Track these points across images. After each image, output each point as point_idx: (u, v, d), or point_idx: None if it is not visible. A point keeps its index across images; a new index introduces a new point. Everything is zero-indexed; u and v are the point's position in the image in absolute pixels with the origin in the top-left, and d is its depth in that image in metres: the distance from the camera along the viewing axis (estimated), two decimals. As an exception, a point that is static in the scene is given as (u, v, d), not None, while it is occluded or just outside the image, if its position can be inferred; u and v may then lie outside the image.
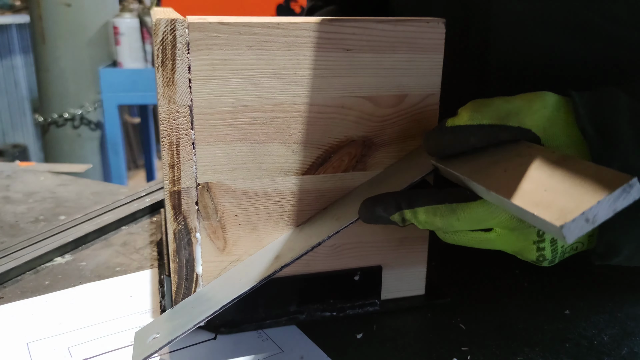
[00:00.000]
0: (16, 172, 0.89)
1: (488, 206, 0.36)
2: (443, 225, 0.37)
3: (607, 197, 0.28)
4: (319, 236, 0.40)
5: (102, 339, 0.44)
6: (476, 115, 0.36)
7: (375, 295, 0.47)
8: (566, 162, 0.32)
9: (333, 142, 0.42)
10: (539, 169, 0.33)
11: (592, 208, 0.28)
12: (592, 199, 0.28)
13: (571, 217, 0.27)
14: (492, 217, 0.36)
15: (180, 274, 0.42)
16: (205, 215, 0.41)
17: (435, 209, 0.37)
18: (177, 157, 0.39)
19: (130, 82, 2.18)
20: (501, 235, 0.37)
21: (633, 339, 0.44)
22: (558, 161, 0.32)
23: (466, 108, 0.37)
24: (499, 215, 0.36)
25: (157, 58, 0.37)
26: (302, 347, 0.43)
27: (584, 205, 0.28)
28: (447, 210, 0.37)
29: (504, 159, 0.35)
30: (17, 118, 3.20)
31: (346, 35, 0.40)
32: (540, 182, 0.31)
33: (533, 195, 0.30)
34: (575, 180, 0.30)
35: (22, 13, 3.02)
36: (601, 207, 0.28)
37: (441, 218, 0.37)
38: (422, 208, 0.37)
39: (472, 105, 0.37)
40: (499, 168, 0.34)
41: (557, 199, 0.29)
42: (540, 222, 0.29)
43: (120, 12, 2.24)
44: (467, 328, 0.46)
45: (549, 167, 0.32)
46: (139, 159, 3.53)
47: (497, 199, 0.33)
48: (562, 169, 0.32)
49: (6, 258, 0.56)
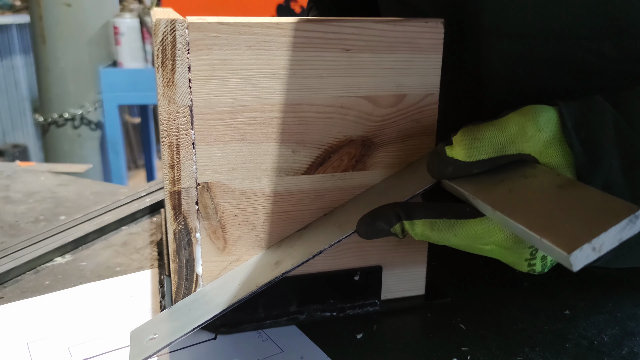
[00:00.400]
0: (16, 172, 0.89)
1: (486, 225, 0.36)
2: (439, 239, 0.38)
3: (614, 227, 0.28)
4: (320, 244, 0.40)
5: (102, 338, 0.44)
6: (472, 152, 0.36)
7: (375, 295, 0.47)
8: (572, 187, 0.32)
9: (332, 142, 0.42)
10: (545, 193, 0.33)
11: (599, 237, 0.28)
12: (600, 229, 0.28)
13: (579, 245, 0.28)
14: (489, 236, 0.36)
15: (181, 274, 0.42)
16: (205, 215, 0.41)
17: (432, 223, 0.37)
18: (177, 157, 0.39)
19: (131, 82, 2.19)
20: (495, 250, 0.38)
21: (633, 339, 0.44)
22: (564, 186, 0.33)
23: (460, 142, 0.36)
24: (495, 235, 0.36)
25: (157, 58, 0.37)
26: (302, 347, 0.43)
27: (591, 234, 0.28)
28: (445, 226, 0.37)
29: (508, 178, 0.35)
30: (17, 118, 3.21)
31: (345, 35, 0.40)
32: (546, 206, 0.32)
33: (540, 220, 0.31)
34: (582, 207, 0.30)
35: (23, 13, 3.02)
36: (608, 237, 0.28)
37: (438, 232, 0.37)
38: (420, 220, 0.37)
39: (465, 140, 0.36)
40: (503, 187, 0.35)
41: (565, 225, 0.29)
42: (547, 248, 0.29)
43: (121, 12, 2.24)
44: (467, 328, 0.46)
45: (555, 191, 0.33)
46: (139, 159, 3.53)
47: (502, 219, 0.33)
48: (568, 194, 0.32)
49: (6, 258, 0.56)
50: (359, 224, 0.39)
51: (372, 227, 0.39)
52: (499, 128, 0.36)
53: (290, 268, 0.39)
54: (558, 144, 0.36)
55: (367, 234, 0.39)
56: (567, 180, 0.33)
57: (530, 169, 0.35)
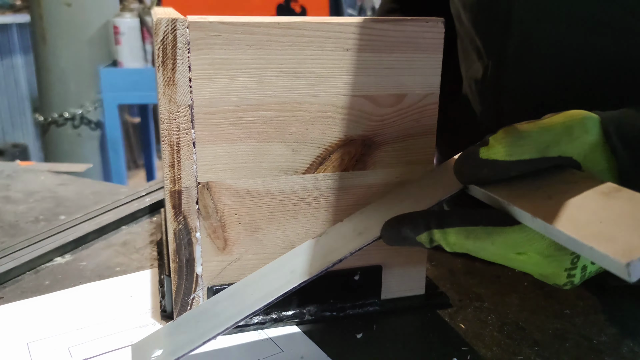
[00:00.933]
0: (16, 172, 0.89)
1: (527, 232, 0.34)
2: (474, 248, 0.35)
3: None
4: (339, 252, 0.39)
5: (102, 339, 0.44)
6: (515, 150, 0.34)
7: (375, 295, 0.47)
8: (619, 193, 0.31)
9: (333, 142, 0.42)
10: (590, 199, 0.31)
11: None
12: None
13: (638, 254, 0.26)
14: (529, 244, 0.34)
15: (180, 274, 0.42)
16: (206, 215, 0.41)
17: (468, 231, 0.35)
18: (177, 157, 0.39)
19: (131, 81, 2.18)
20: (533, 259, 0.35)
21: (633, 339, 0.44)
22: (609, 192, 0.31)
23: (501, 141, 0.35)
24: (536, 243, 0.34)
25: (157, 57, 0.37)
26: (302, 347, 0.43)
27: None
28: (482, 233, 0.35)
29: (546, 184, 0.34)
30: (17, 117, 3.21)
31: (346, 34, 0.40)
32: (593, 213, 0.30)
33: (588, 227, 0.29)
34: (634, 213, 0.29)
35: (23, 12, 3.02)
36: None
37: (474, 241, 0.35)
38: (454, 229, 0.35)
39: (508, 138, 0.34)
40: (542, 194, 0.33)
41: (618, 233, 0.28)
42: (599, 257, 0.27)
43: (121, 12, 2.24)
44: (467, 328, 0.46)
45: (601, 197, 0.31)
46: (139, 159, 3.53)
47: (543, 227, 0.31)
48: (615, 201, 0.30)
49: (6, 258, 0.56)
50: (385, 227, 0.38)
51: (398, 234, 0.37)
52: (545, 128, 0.35)
53: (309, 278, 0.38)
54: (603, 148, 0.35)
55: (391, 240, 0.37)
56: (611, 187, 0.32)
57: (570, 175, 0.34)
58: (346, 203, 0.44)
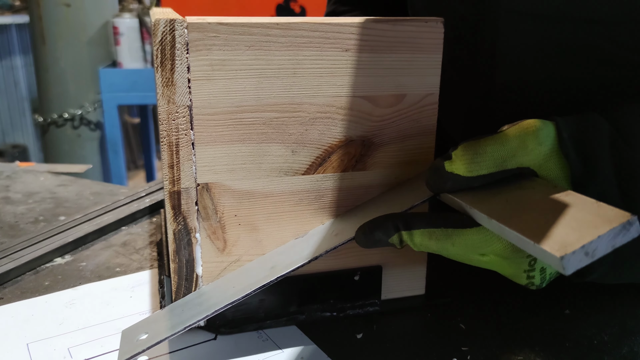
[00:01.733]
0: (16, 173, 0.89)
1: (484, 234, 0.37)
2: (437, 248, 0.38)
3: (607, 232, 0.29)
4: (316, 250, 0.41)
5: (102, 339, 0.44)
6: (474, 167, 0.36)
7: (375, 295, 0.47)
8: (567, 196, 0.33)
9: (332, 142, 0.42)
10: (541, 202, 0.33)
11: (592, 242, 0.28)
12: (593, 234, 0.29)
13: (571, 249, 0.28)
14: (487, 245, 0.37)
15: (180, 275, 0.42)
16: (205, 216, 0.41)
17: (431, 233, 0.38)
18: (176, 158, 0.39)
19: (130, 82, 2.18)
20: (493, 261, 0.38)
21: (633, 338, 0.44)
22: (559, 195, 0.33)
23: (461, 158, 0.37)
24: (493, 244, 0.37)
25: (156, 58, 0.37)
26: (302, 347, 0.43)
27: (584, 239, 0.29)
28: (442, 235, 0.37)
29: (505, 190, 0.36)
30: (17, 118, 3.21)
31: (345, 35, 0.40)
32: (541, 213, 0.32)
33: (534, 226, 0.31)
34: (576, 214, 0.31)
35: (22, 13, 3.02)
36: (601, 242, 0.29)
37: (436, 242, 0.38)
38: (419, 230, 0.38)
39: (466, 156, 0.37)
40: (500, 199, 0.35)
41: (558, 231, 0.30)
42: (540, 252, 0.30)
43: (120, 12, 2.24)
44: (467, 328, 0.46)
45: (550, 200, 0.33)
46: (138, 159, 3.53)
47: (497, 227, 0.34)
48: (563, 202, 0.32)
49: (6, 259, 0.56)
50: (358, 233, 0.40)
51: (371, 237, 0.39)
52: (500, 142, 0.37)
53: (284, 273, 0.40)
54: (556, 156, 0.37)
55: (365, 243, 0.40)
56: (564, 192, 0.34)
57: (528, 182, 0.36)
58: (346, 204, 0.44)
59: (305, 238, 0.43)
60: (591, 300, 0.50)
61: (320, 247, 0.41)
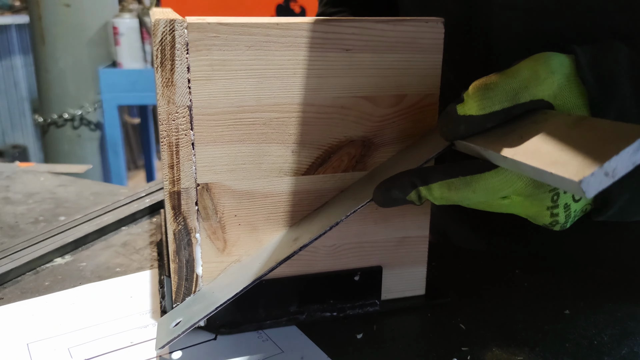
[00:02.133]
0: (16, 173, 0.89)
1: (503, 175, 0.35)
2: (458, 199, 0.37)
3: (626, 149, 0.27)
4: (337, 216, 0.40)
5: (103, 339, 0.44)
6: (486, 104, 0.35)
7: (375, 295, 0.47)
8: (583, 122, 0.32)
9: (332, 143, 0.42)
10: (556, 132, 0.32)
11: (611, 161, 0.27)
12: (611, 152, 0.27)
13: (590, 171, 0.27)
14: (508, 186, 0.36)
15: (180, 275, 0.42)
16: (205, 216, 0.41)
17: (449, 183, 0.36)
18: (176, 158, 0.39)
19: (130, 82, 2.18)
20: (516, 201, 0.37)
21: (633, 339, 0.44)
22: (574, 122, 0.32)
23: (472, 96, 0.36)
24: (514, 184, 0.36)
25: (156, 58, 0.37)
26: (302, 347, 0.43)
27: (602, 159, 0.27)
28: (461, 184, 0.36)
29: (519, 127, 0.35)
30: (17, 118, 3.21)
31: (345, 35, 0.40)
32: (558, 143, 0.31)
33: (550, 156, 0.30)
34: (593, 137, 0.30)
35: (22, 13, 3.02)
36: (620, 160, 0.27)
37: (456, 192, 0.36)
38: (437, 183, 0.37)
39: (478, 93, 0.35)
40: (515, 136, 0.34)
41: (575, 156, 0.29)
42: (559, 181, 0.29)
43: (120, 13, 2.24)
44: (467, 328, 0.46)
45: (566, 129, 0.32)
46: (138, 160, 3.53)
47: (513, 164, 0.33)
48: (579, 128, 0.31)
49: (6, 259, 0.56)
50: (375, 192, 0.39)
51: (388, 196, 0.38)
52: (511, 75, 0.35)
53: (308, 241, 0.39)
54: (572, 84, 0.36)
55: (383, 202, 0.39)
56: (578, 118, 0.33)
57: (541, 115, 0.35)
58: (346, 203, 0.44)
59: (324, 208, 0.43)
60: (591, 300, 0.50)
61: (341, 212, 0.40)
